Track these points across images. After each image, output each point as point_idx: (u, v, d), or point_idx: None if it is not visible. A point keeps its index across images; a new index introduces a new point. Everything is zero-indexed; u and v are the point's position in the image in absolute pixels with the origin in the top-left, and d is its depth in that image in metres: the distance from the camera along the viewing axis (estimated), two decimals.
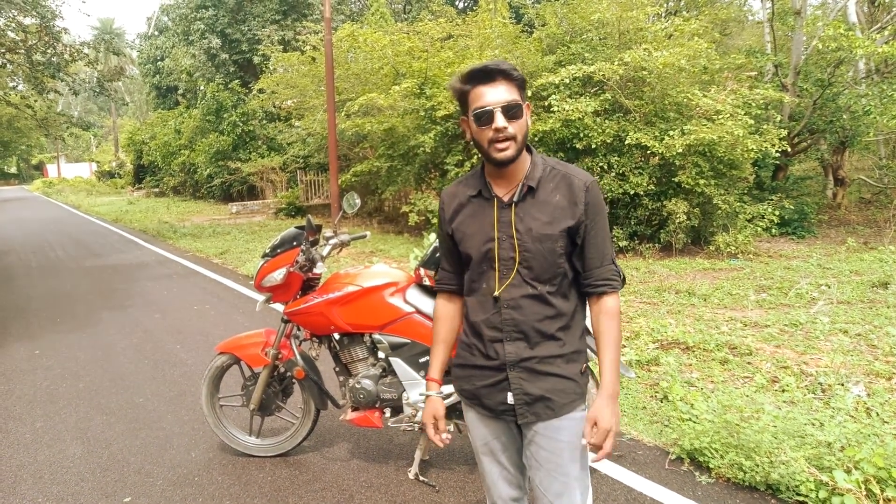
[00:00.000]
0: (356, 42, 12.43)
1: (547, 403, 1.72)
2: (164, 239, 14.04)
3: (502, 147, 1.63)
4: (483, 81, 1.64)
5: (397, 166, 12.22)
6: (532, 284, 1.70)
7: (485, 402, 1.80)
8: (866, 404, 3.75)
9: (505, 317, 1.72)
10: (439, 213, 1.88)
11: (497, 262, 1.72)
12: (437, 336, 1.93)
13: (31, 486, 3.30)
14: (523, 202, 1.71)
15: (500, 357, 1.74)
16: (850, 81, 11.72)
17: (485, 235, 1.73)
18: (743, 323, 5.59)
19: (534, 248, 1.68)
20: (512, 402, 1.74)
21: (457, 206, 1.81)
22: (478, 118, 1.64)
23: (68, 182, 47.53)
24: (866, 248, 9.08)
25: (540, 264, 1.70)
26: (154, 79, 33.61)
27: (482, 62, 1.66)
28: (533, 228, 1.69)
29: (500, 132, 1.62)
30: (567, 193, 1.70)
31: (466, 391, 1.85)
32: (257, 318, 6.39)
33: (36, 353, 5.69)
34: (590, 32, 10.49)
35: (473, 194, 1.77)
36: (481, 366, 1.79)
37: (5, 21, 14.02)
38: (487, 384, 1.78)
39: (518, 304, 1.71)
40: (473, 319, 1.80)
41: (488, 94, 1.63)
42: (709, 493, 2.99)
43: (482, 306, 1.77)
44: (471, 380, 1.82)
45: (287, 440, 3.48)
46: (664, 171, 9.12)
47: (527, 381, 1.73)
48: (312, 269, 3.22)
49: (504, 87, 1.63)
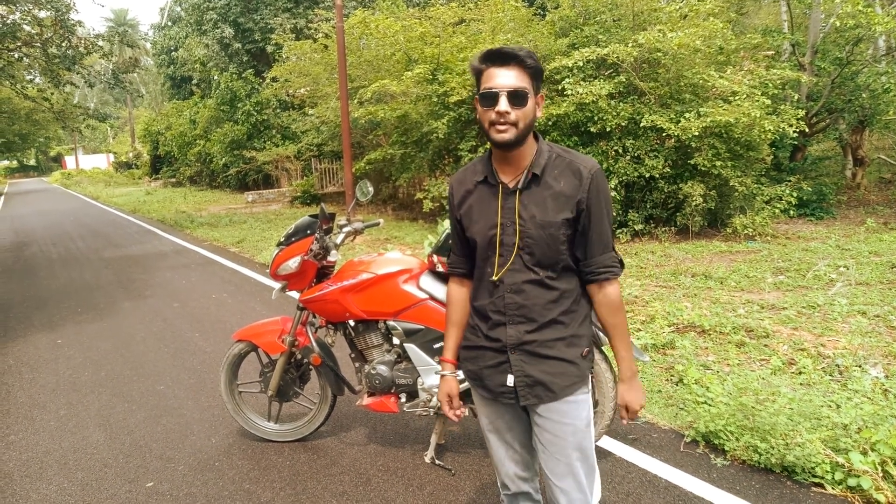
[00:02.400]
0: (368, 29, 12.37)
1: (547, 386, 1.76)
2: (181, 228, 14.17)
3: (501, 129, 1.65)
4: (497, 63, 1.66)
5: (411, 153, 12.20)
6: (534, 270, 1.74)
7: (486, 383, 1.85)
8: (884, 386, 3.73)
9: (508, 301, 1.76)
10: (448, 200, 1.92)
11: (499, 248, 1.75)
12: (450, 318, 1.97)
13: (56, 472, 3.38)
14: (528, 189, 1.73)
15: (502, 340, 1.78)
16: (870, 59, 11.49)
17: (489, 221, 1.76)
18: (760, 305, 5.55)
19: (536, 235, 1.71)
20: (512, 385, 1.78)
21: (464, 192, 1.84)
22: (483, 98, 1.66)
23: (86, 173, 48.05)
24: (886, 228, 8.96)
25: (542, 251, 1.72)
26: (168, 69, 33.75)
27: (504, 46, 1.68)
28: (536, 215, 1.71)
29: (501, 115, 1.64)
30: (571, 181, 1.72)
31: (470, 371, 1.90)
32: (274, 305, 6.45)
33: (58, 342, 5.80)
34: (603, 14, 10.37)
35: (480, 180, 1.80)
36: (484, 346, 1.83)
37: (21, 15, 14.13)
38: (489, 365, 1.83)
39: (520, 289, 1.75)
40: (478, 303, 1.85)
41: (499, 76, 1.64)
42: (724, 476, 2.99)
43: (486, 290, 1.81)
44: (475, 360, 1.87)
45: (305, 425, 3.53)
46: (680, 153, 9.03)
47: (527, 363, 1.77)
48: (327, 257, 3.25)
49: (516, 72, 1.64)
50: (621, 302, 1.81)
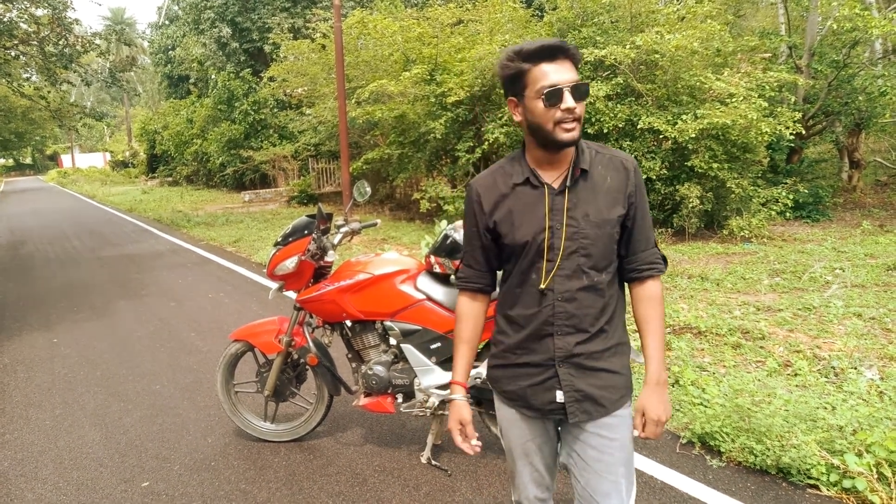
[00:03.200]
0: (366, 29, 12.38)
1: (597, 400, 1.65)
2: (178, 228, 14.16)
3: (569, 127, 1.54)
4: (546, 59, 1.54)
5: (408, 153, 12.20)
6: (588, 274, 1.62)
7: (531, 403, 1.70)
8: (879, 388, 3.74)
9: (558, 310, 1.63)
10: (471, 207, 1.73)
11: (547, 253, 1.62)
12: (460, 336, 1.80)
13: (52, 472, 3.37)
14: (575, 187, 1.62)
15: (549, 353, 1.65)
16: (866, 62, 11.52)
17: (536, 225, 1.62)
18: (756, 307, 5.57)
19: (593, 235, 1.61)
20: (562, 401, 1.65)
21: (497, 196, 1.68)
22: (549, 97, 1.53)
23: (83, 172, 47.97)
24: (882, 231, 8.98)
25: (600, 251, 1.62)
26: (165, 68, 33.72)
27: (540, 40, 1.58)
28: (590, 214, 1.61)
29: (569, 113, 1.53)
30: (617, 176, 1.65)
31: (509, 392, 1.74)
32: (270, 305, 6.44)
33: (54, 341, 5.79)
34: (601, 16, 10.39)
35: (519, 182, 1.65)
36: (527, 363, 1.69)
37: (18, 13, 14.09)
38: (534, 383, 1.68)
39: (573, 297, 1.62)
40: (519, 312, 1.69)
41: (555, 72, 1.53)
42: (720, 477, 3.00)
43: (531, 298, 1.66)
44: (515, 380, 1.72)
45: (301, 425, 3.53)
46: (677, 155, 9.05)
47: (576, 377, 1.64)
48: (324, 258, 3.26)
49: (568, 65, 1.55)
50: (662, 298, 1.72)
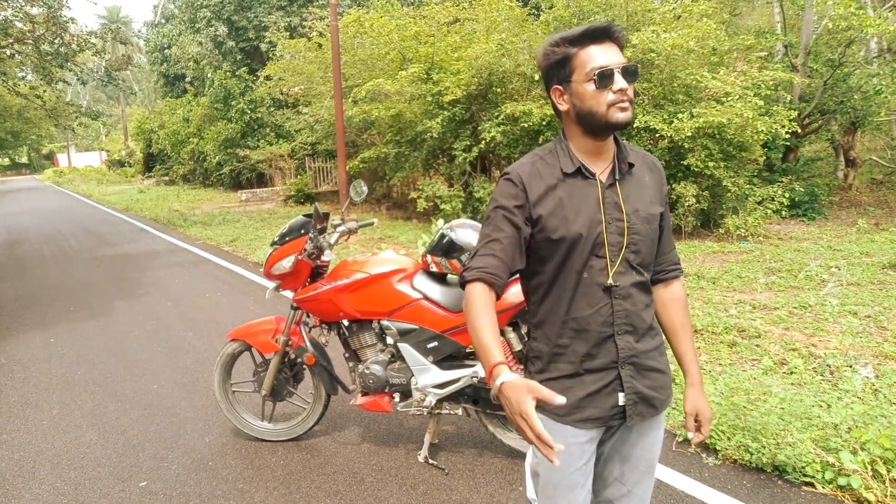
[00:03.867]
0: (362, 27, 12.37)
1: (650, 401, 1.61)
2: (174, 227, 14.13)
3: (625, 107, 1.49)
4: (593, 41, 1.51)
5: (405, 152, 12.20)
6: (639, 270, 1.58)
7: (590, 414, 1.58)
8: (874, 386, 3.76)
9: (617, 308, 1.55)
10: (510, 195, 1.57)
11: (607, 248, 1.54)
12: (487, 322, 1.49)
13: (49, 472, 3.37)
14: (623, 181, 1.58)
15: (611, 355, 1.57)
16: (862, 61, 11.55)
17: (591, 218, 1.54)
18: (752, 305, 5.58)
19: (643, 230, 1.57)
20: (622, 404, 1.57)
21: (545, 187, 1.56)
22: (601, 78, 1.48)
23: (79, 171, 47.84)
24: (877, 229, 9.01)
25: (647, 248, 1.60)
26: (161, 67, 33.60)
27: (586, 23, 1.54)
28: (640, 209, 1.57)
29: (623, 93, 1.48)
30: (653, 175, 1.64)
31: (564, 407, 1.46)
32: (267, 305, 6.44)
33: (51, 341, 5.78)
34: (597, 15, 10.38)
35: (570, 172, 1.56)
36: (586, 370, 1.58)
37: (13, 11, 14.05)
38: (593, 391, 1.57)
39: (629, 293, 1.56)
40: (574, 316, 1.57)
41: (604, 54, 1.49)
42: (716, 475, 3.01)
43: (587, 300, 1.55)
44: (569, 392, 1.56)
45: (298, 425, 3.54)
46: (673, 153, 9.06)
47: (635, 378, 1.59)
48: (321, 257, 3.26)
49: (615, 48, 1.51)
50: (686, 299, 1.72)
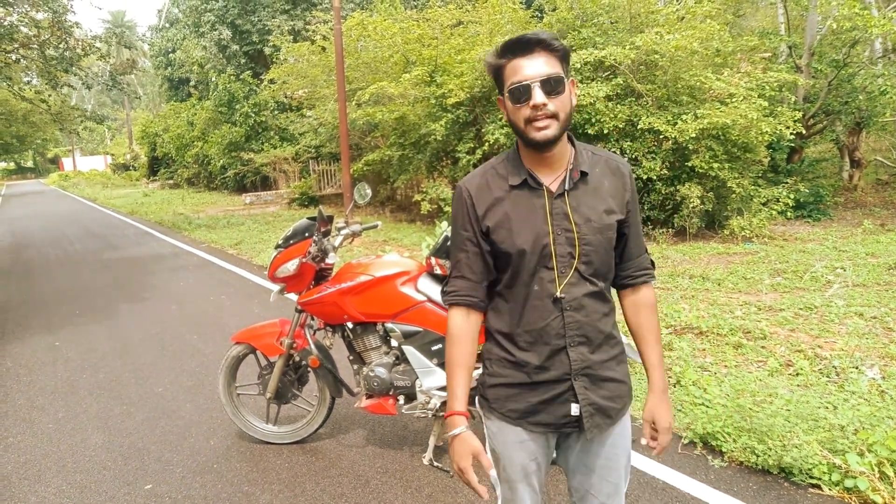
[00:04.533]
0: (366, 31, 12.39)
1: (607, 412, 1.59)
2: (179, 230, 14.16)
3: (541, 126, 1.44)
4: (520, 53, 1.45)
5: (409, 155, 12.21)
6: (591, 281, 1.55)
7: (542, 419, 1.60)
8: (880, 387, 3.74)
9: (568, 320, 1.53)
10: (461, 210, 1.60)
11: (555, 259, 1.52)
12: (456, 360, 1.61)
13: (55, 475, 3.38)
14: (575, 190, 1.54)
15: (564, 367, 1.55)
16: (866, 61, 11.53)
17: (537, 230, 1.52)
18: (757, 307, 5.57)
19: (594, 241, 1.53)
20: (577, 414, 1.57)
21: (492, 199, 1.56)
22: (513, 95, 1.45)
23: (84, 175, 48.00)
24: (883, 230, 8.98)
25: (600, 258, 1.55)
26: (166, 71, 33.76)
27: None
28: (592, 219, 1.53)
29: (538, 109, 1.43)
30: (614, 180, 1.58)
31: (517, 411, 1.61)
32: (272, 307, 6.44)
33: (56, 345, 5.79)
34: (601, 17, 10.39)
35: (516, 184, 1.54)
36: (539, 382, 1.58)
37: (18, 17, 14.12)
38: (545, 399, 1.58)
39: (581, 304, 1.54)
40: (526, 329, 1.57)
41: (526, 67, 1.44)
42: (721, 477, 3.00)
43: (537, 312, 1.55)
44: (523, 397, 1.60)
45: (303, 427, 3.54)
46: (677, 155, 9.05)
47: (590, 389, 1.57)
48: (325, 260, 3.26)
49: (544, 59, 1.44)
50: (656, 305, 1.68)
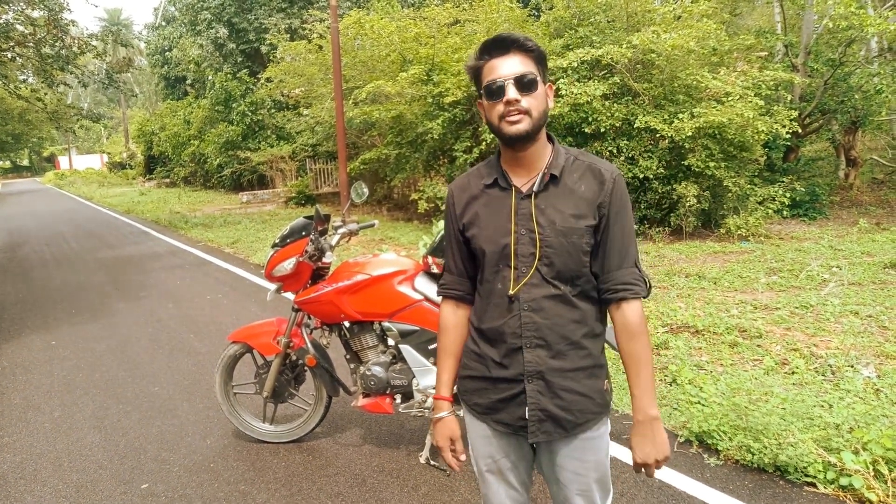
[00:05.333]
0: (363, 29, 12.39)
1: (560, 422, 1.56)
2: (175, 229, 14.14)
3: (513, 120, 1.48)
4: (497, 54, 1.51)
5: (406, 153, 12.21)
6: (553, 284, 1.53)
7: (502, 418, 1.62)
8: (875, 385, 3.75)
9: (525, 320, 1.54)
10: (447, 208, 1.70)
11: (514, 259, 1.54)
12: (444, 348, 1.71)
13: (51, 474, 3.37)
14: (545, 192, 1.55)
15: (519, 367, 1.56)
16: (862, 60, 11.56)
17: (501, 229, 1.55)
18: (753, 306, 5.58)
19: (556, 243, 1.52)
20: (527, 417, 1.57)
21: (468, 198, 1.63)
22: (489, 91, 1.50)
23: (80, 174, 47.87)
24: (878, 228, 9.01)
25: (563, 261, 1.53)
26: (162, 69, 33.66)
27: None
28: (556, 221, 1.52)
29: (511, 105, 1.47)
30: (592, 184, 1.55)
31: (480, 405, 1.65)
32: (269, 306, 6.44)
33: (52, 344, 5.78)
34: (597, 15, 10.40)
35: (488, 184, 1.59)
36: (495, 378, 1.60)
37: (14, 14, 14.07)
38: (503, 398, 1.60)
39: (539, 306, 1.53)
40: (488, 325, 1.60)
41: (501, 66, 1.49)
42: (717, 475, 3.01)
43: (498, 309, 1.58)
44: (485, 393, 1.63)
45: (300, 426, 3.54)
46: (674, 154, 9.07)
47: (543, 395, 1.55)
48: (322, 259, 3.26)
49: (518, 58, 1.49)
50: (643, 327, 1.56)
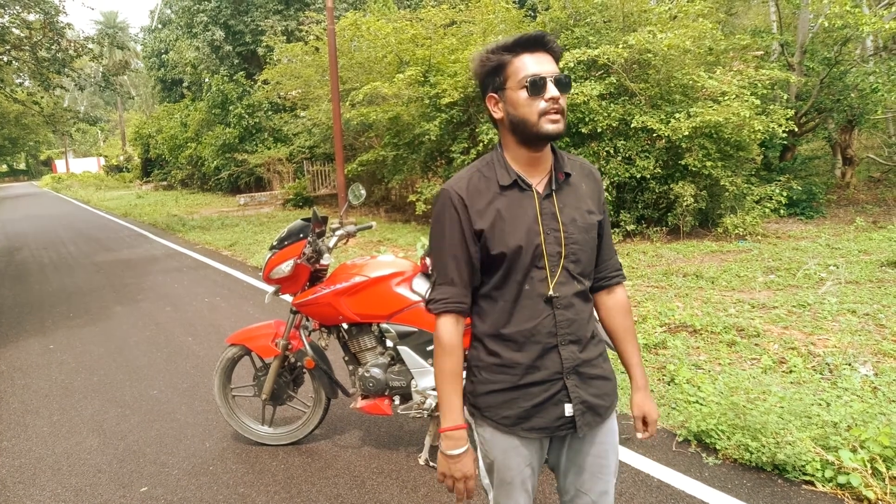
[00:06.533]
0: (359, 31, 12.40)
1: (596, 409, 1.61)
2: (173, 232, 14.13)
3: (555, 118, 1.48)
4: (531, 49, 1.50)
5: (403, 155, 12.22)
6: (579, 279, 1.59)
7: (536, 424, 1.59)
8: (873, 383, 3.77)
9: (559, 318, 1.56)
10: (452, 214, 1.57)
11: (546, 259, 1.55)
12: (451, 371, 1.58)
13: (49, 478, 3.37)
14: (560, 191, 1.59)
15: (555, 366, 1.56)
16: (858, 59, 11.58)
17: (529, 230, 1.54)
18: (751, 305, 5.59)
19: (581, 240, 1.57)
20: (571, 414, 1.57)
21: (483, 202, 1.56)
22: (533, 85, 1.46)
23: (77, 177, 47.80)
24: (875, 227, 9.03)
25: (587, 256, 1.60)
26: (159, 72, 33.62)
27: (520, 32, 1.53)
28: (577, 219, 1.58)
29: (554, 102, 1.47)
30: (590, 183, 1.65)
31: (510, 417, 1.60)
32: (267, 309, 6.44)
33: (51, 347, 5.78)
34: (593, 16, 10.40)
35: (506, 184, 1.55)
36: (530, 383, 1.57)
37: (10, 18, 14.05)
38: (539, 402, 1.58)
39: (570, 303, 1.57)
40: (515, 329, 1.57)
41: (538, 62, 1.48)
42: (716, 474, 3.02)
43: (528, 311, 1.56)
44: (515, 403, 1.59)
45: (299, 429, 3.54)
46: (671, 153, 9.08)
47: (580, 387, 1.59)
48: (319, 261, 3.27)
49: (548, 57, 1.51)
50: (630, 305, 1.75)
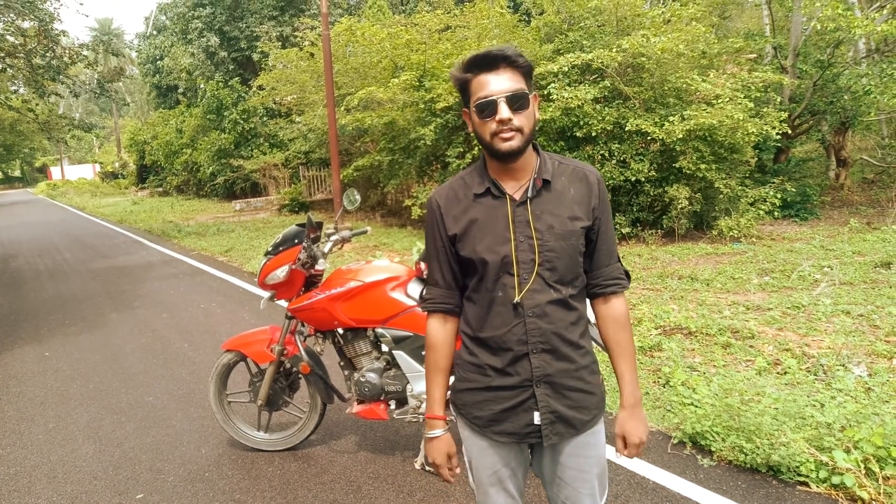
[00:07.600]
0: (354, 36, 12.42)
1: (569, 421, 1.60)
2: (169, 238, 14.11)
3: (507, 137, 1.48)
4: (485, 69, 1.49)
5: (398, 160, 12.23)
6: (555, 288, 1.56)
7: (506, 428, 1.62)
8: (867, 384, 3.78)
9: (530, 327, 1.56)
10: (432, 220, 1.66)
11: (516, 266, 1.55)
12: (434, 365, 1.69)
13: (45, 486, 3.36)
14: (538, 198, 1.57)
15: (526, 373, 1.58)
16: (850, 61, 11.65)
17: (500, 237, 1.56)
18: (745, 307, 5.61)
19: (557, 247, 1.55)
20: (539, 423, 1.59)
21: (458, 208, 1.61)
22: (480, 109, 1.49)
23: (72, 184, 47.64)
24: (869, 228, 9.07)
25: (564, 264, 1.57)
26: (154, 78, 33.60)
27: (484, 49, 1.53)
28: (554, 226, 1.55)
29: (504, 124, 1.47)
30: (581, 187, 1.60)
31: (481, 419, 1.65)
32: (262, 315, 6.44)
33: (46, 355, 5.76)
34: (587, 20, 10.45)
35: (480, 193, 1.58)
36: (501, 387, 1.61)
37: (4, 25, 14.05)
38: (509, 406, 1.60)
39: (543, 312, 1.56)
40: (489, 334, 1.60)
41: (492, 82, 1.48)
42: (711, 476, 3.03)
43: (500, 318, 1.58)
44: (486, 405, 1.63)
45: (295, 434, 3.54)
46: (665, 156, 9.11)
47: (552, 397, 1.58)
48: (314, 266, 3.27)
49: (508, 74, 1.48)
50: (629, 317, 1.68)
